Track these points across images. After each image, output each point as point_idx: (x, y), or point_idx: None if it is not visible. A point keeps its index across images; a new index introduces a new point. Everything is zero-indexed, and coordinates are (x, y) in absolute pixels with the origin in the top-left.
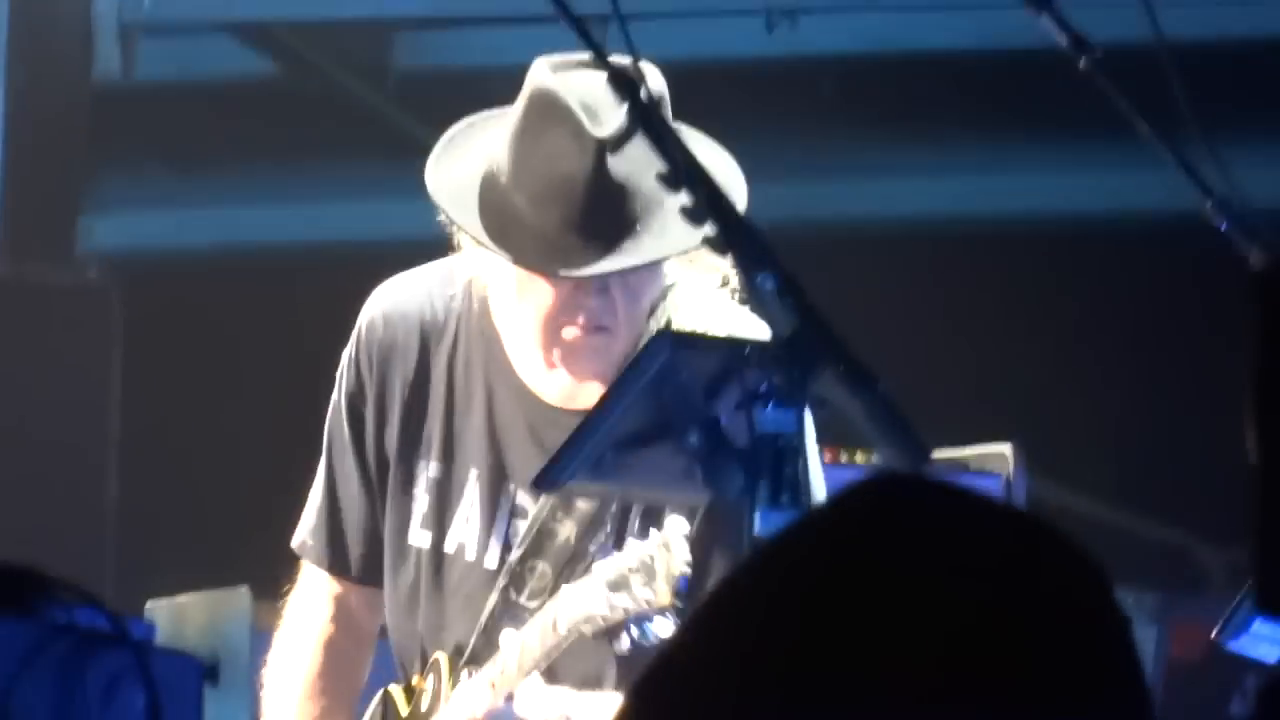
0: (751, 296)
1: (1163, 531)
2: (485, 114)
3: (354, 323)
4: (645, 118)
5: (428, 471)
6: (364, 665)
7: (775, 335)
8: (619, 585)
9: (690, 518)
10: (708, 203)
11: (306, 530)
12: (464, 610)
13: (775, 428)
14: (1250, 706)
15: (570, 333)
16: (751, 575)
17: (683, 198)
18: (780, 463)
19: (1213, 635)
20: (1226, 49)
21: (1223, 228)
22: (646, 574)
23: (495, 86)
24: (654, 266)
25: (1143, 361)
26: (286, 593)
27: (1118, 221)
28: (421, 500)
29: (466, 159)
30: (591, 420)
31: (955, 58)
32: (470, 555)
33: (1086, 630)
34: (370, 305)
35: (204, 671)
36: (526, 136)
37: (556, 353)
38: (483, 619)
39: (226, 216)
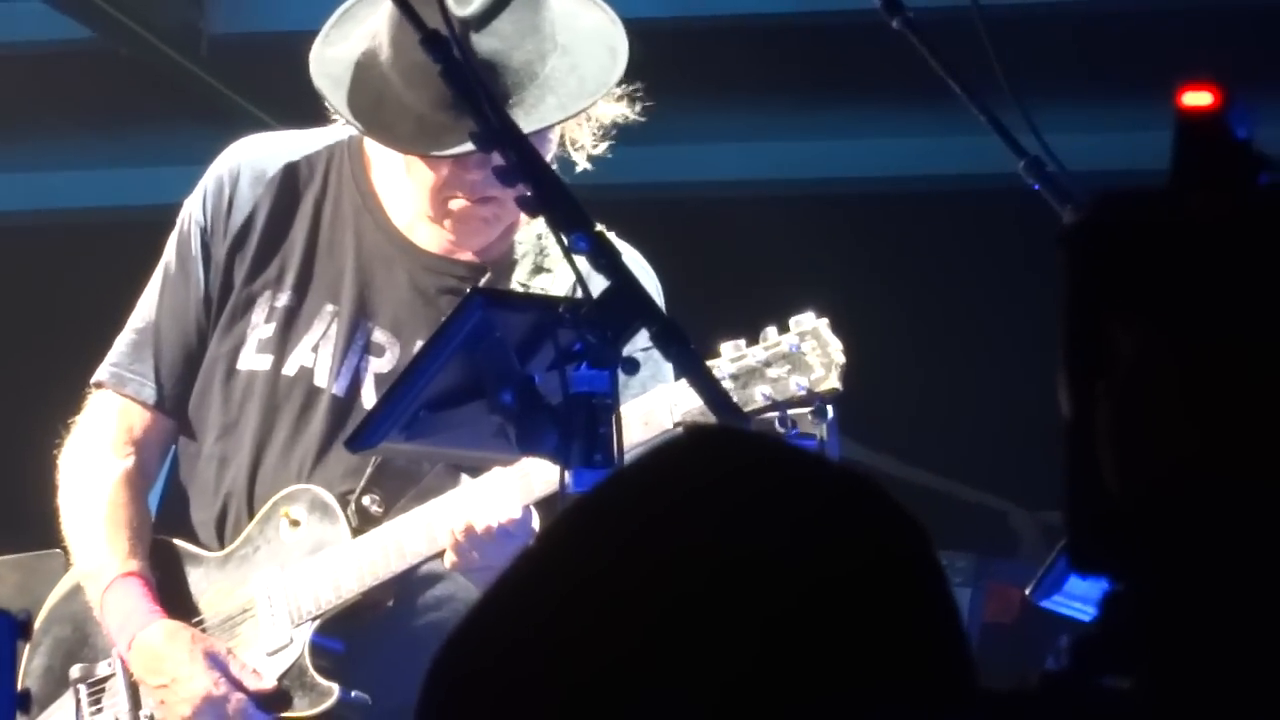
0: (565, 256)
1: (976, 495)
2: None
3: None
4: (456, 80)
5: (274, 301)
6: (150, 500)
7: (588, 295)
8: (752, 378)
9: None
10: (521, 163)
11: (120, 363)
12: (295, 432)
13: (588, 387)
14: (1063, 659)
15: (457, 204)
16: (557, 538)
17: (554, 71)
18: (594, 422)
19: (1025, 593)
20: (1040, 12)
21: (1035, 188)
22: (793, 364)
23: (308, 50)
24: (534, 137)
25: (959, 324)
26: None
27: (932, 183)
28: (262, 328)
29: (350, 39)
30: (404, 380)
31: (770, 21)
32: (319, 380)
33: (906, 586)
34: (231, 153)
35: (18, 628)
36: (399, 18)
37: (447, 222)
38: (318, 443)
39: (40, 181)
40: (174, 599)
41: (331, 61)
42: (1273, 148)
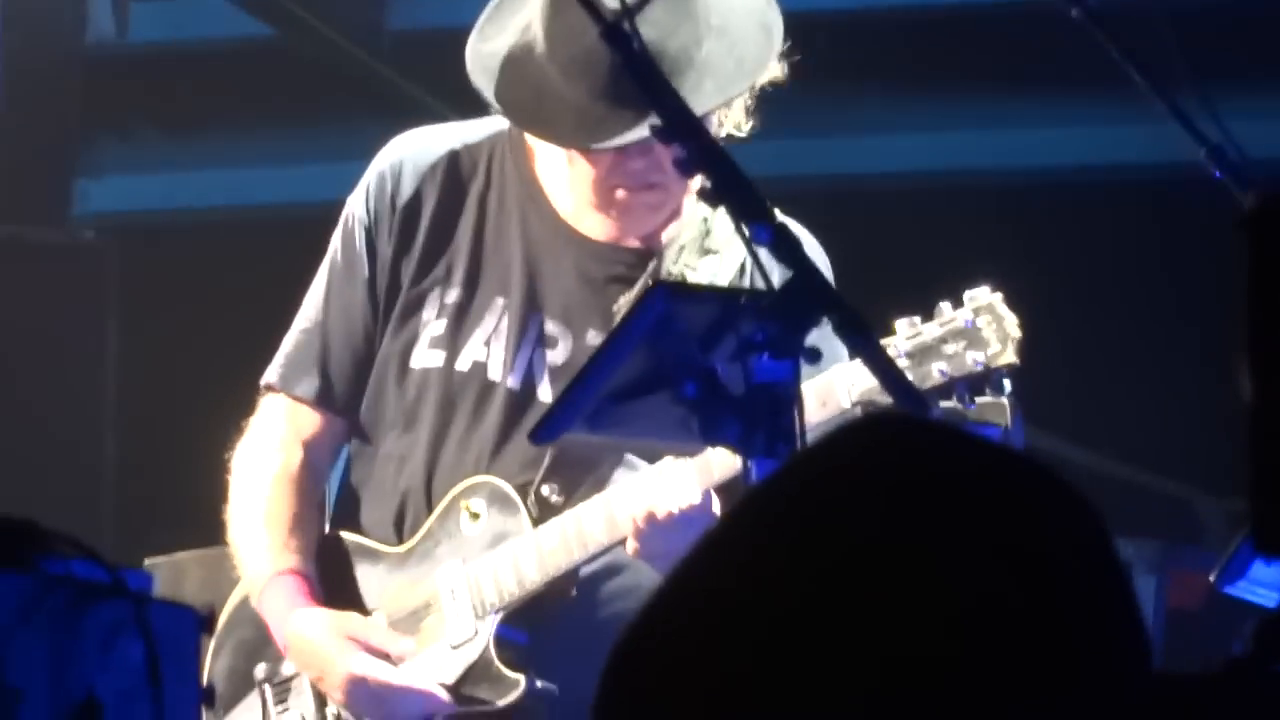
0: (746, 248)
1: (1160, 482)
2: None
3: None
4: (636, 71)
5: (444, 298)
6: (324, 502)
7: (770, 286)
8: (928, 355)
9: None
10: (700, 154)
11: (289, 365)
12: (471, 427)
13: (770, 377)
14: (1248, 643)
15: (621, 194)
16: (734, 528)
17: (712, 56)
18: (776, 412)
19: (1210, 579)
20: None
21: (1217, 176)
22: (969, 339)
23: None
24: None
25: (1139, 313)
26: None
27: (1112, 174)
28: (435, 324)
29: (506, 31)
30: (587, 371)
31: (947, 12)
32: (494, 374)
33: (1089, 579)
34: (392, 148)
35: (201, 623)
36: (554, 8)
37: (612, 211)
38: (495, 437)
39: (221, 178)
40: (348, 595)
41: (488, 56)
42: None
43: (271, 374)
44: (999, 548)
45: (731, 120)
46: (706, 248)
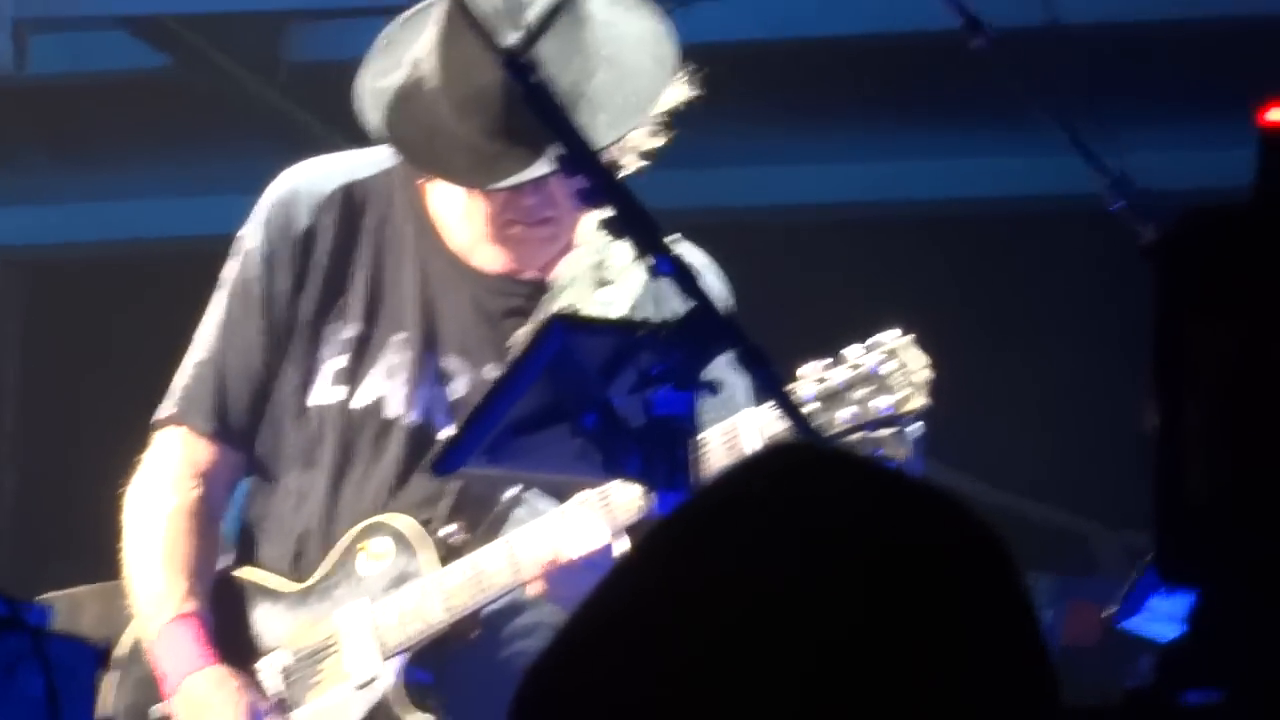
0: (650, 278)
1: (1055, 515)
2: (420, 7)
3: None
4: (538, 104)
5: (342, 334)
6: (219, 539)
7: (669, 318)
8: (835, 401)
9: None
10: (600, 186)
11: (184, 399)
12: (371, 464)
13: (670, 410)
14: (1148, 676)
15: (515, 229)
16: (637, 563)
17: (602, 87)
18: (675, 444)
19: (1106, 615)
20: (1120, 32)
21: (1119, 207)
22: (877, 385)
23: None
24: None
25: (1035, 345)
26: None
27: (1013, 206)
28: (334, 361)
29: (397, 68)
30: (486, 404)
31: (851, 44)
32: (393, 411)
33: (995, 613)
34: (286, 179)
35: (99, 656)
36: (445, 45)
37: (507, 245)
38: (394, 474)
39: (121, 210)
40: (247, 634)
41: (379, 92)
42: None
43: (166, 407)
44: (905, 578)
45: (633, 148)
46: (602, 278)
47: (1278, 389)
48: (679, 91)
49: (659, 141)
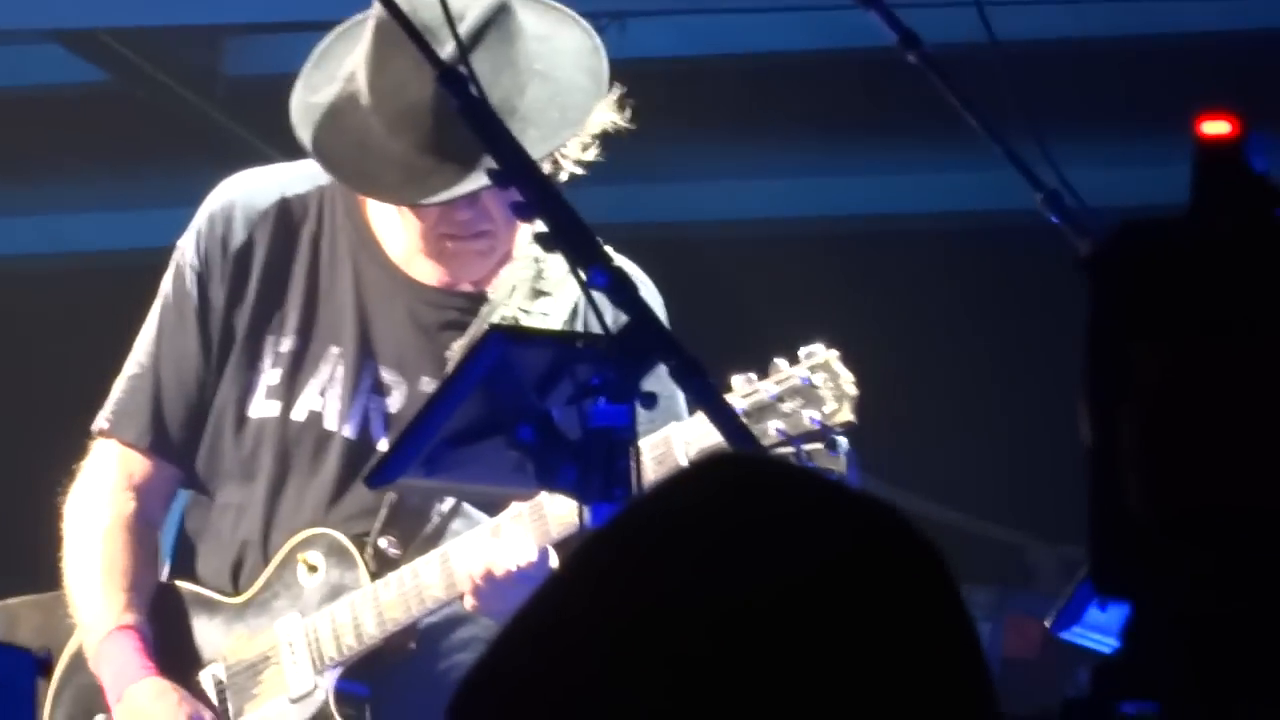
0: (583, 291)
1: (993, 529)
2: (354, 21)
3: None
4: (471, 118)
5: (279, 347)
6: (156, 547)
7: (606, 330)
8: (765, 413)
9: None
10: (535, 199)
11: (120, 411)
12: (308, 477)
13: (606, 422)
14: (1085, 686)
15: (450, 244)
16: (567, 577)
17: (534, 102)
18: (612, 457)
19: (1046, 624)
20: (1057, 48)
21: (1053, 222)
22: (806, 398)
23: None
24: None
25: (972, 360)
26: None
27: (947, 221)
28: (270, 374)
29: (331, 82)
30: (422, 416)
31: (785, 59)
32: (330, 424)
33: (927, 617)
34: (223, 191)
35: (37, 666)
36: (376, 61)
37: (443, 259)
38: (331, 487)
39: (55, 224)
40: (185, 647)
41: (312, 108)
42: None
43: (102, 419)
44: (836, 586)
45: (571, 159)
46: (539, 289)
47: (1205, 405)
48: (610, 107)
49: (589, 156)
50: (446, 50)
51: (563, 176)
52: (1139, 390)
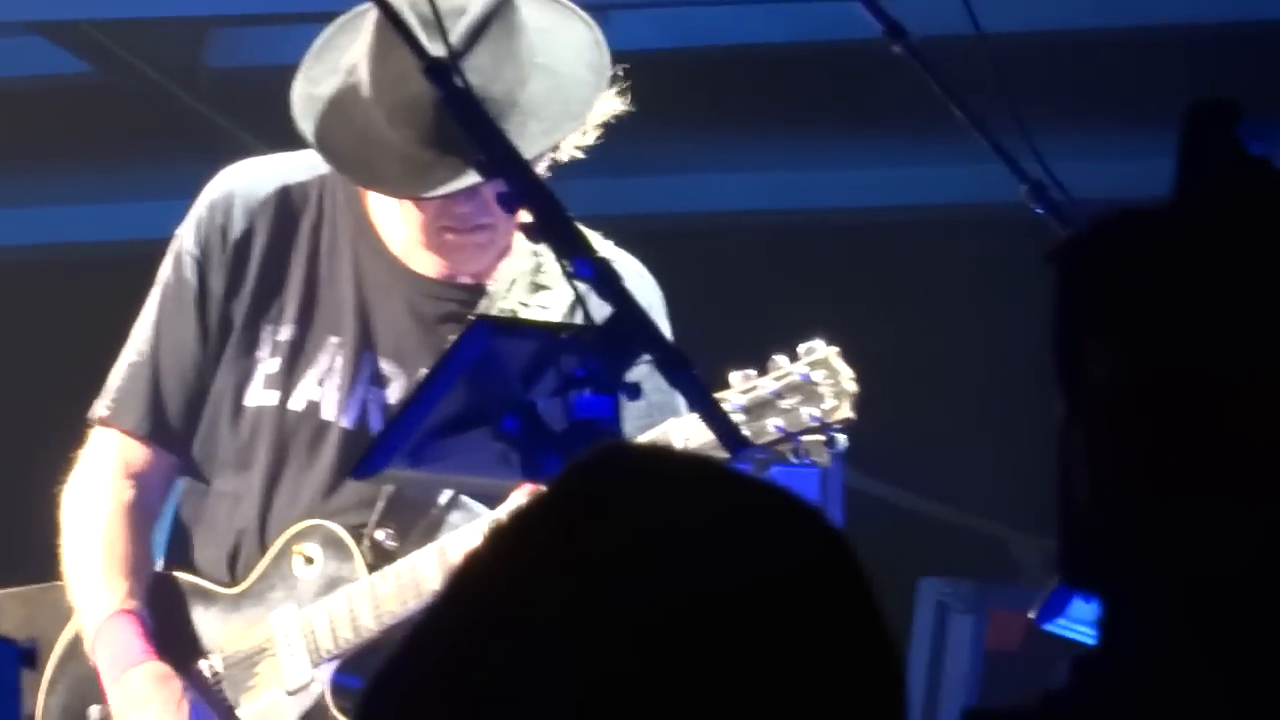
0: (568, 283)
1: (977, 521)
2: (357, 11)
3: None
4: (458, 110)
5: (277, 335)
6: (155, 537)
7: (591, 322)
8: (764, 410)
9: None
10: (523, 190)
11: (119, 398)
12: (305, 467)
13: (591, 413)
14: (1065, 678)
15: (450, 236)
16: (471, 564)
17: (535, 96)
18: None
19: (1029, 616)
20: (1044, 39)
21: (1039, 213)
22: (805, 394)
23: None
24: None
25: (956, 352)
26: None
27: (931, 212)
28: (269, 363)
29: (333, 74)
30: (408, 407)
31: (772, 51)
32: (327, 414)
33: (826, 607)
34: (223, 180)
35: (22, 657)
36: (378, 54)
37: (442, 251)
38: (328, 477)
39: (38, 217)
40: (183, 637)
41: (314, 100)
42: None
43: (101, 407)
44: (729, 577)
45: (567, 151)
46: (538, 283)
47: (1150, 407)
48: (611, 100)
49: (586, 147)
50: (447, 44)
51: (563, 158)
52: (1089, 389)
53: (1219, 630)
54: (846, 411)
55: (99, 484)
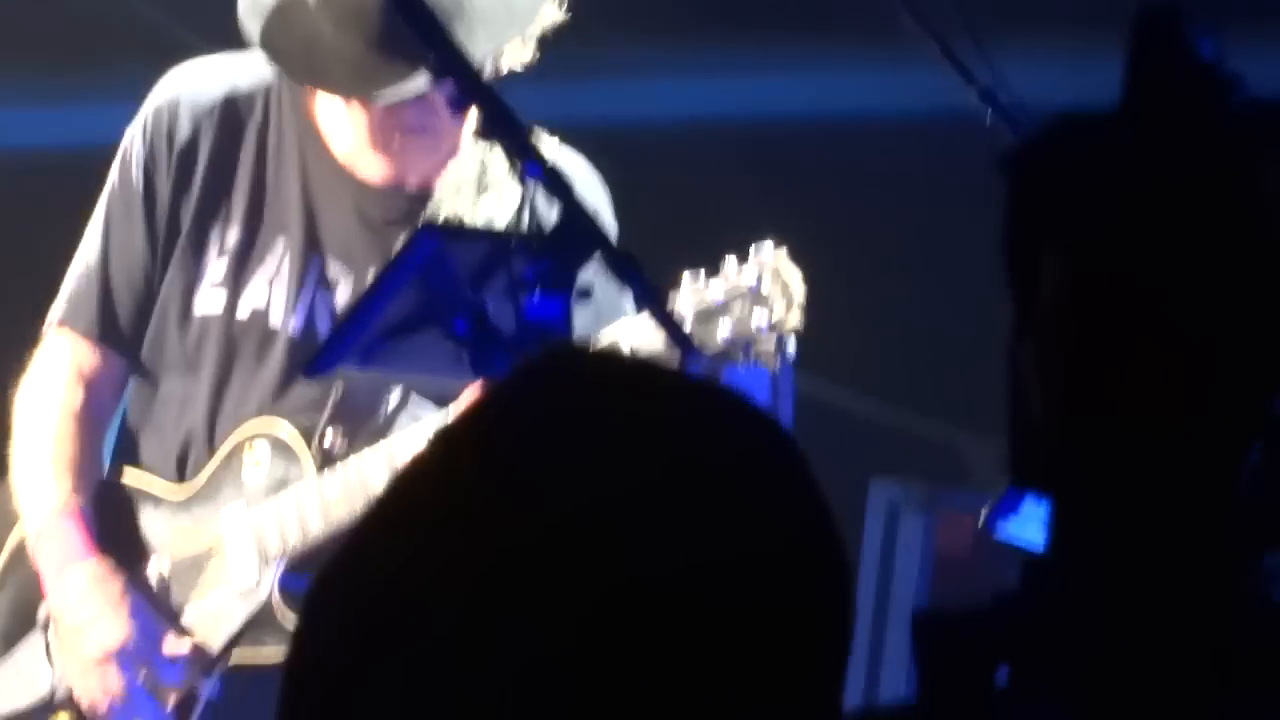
0: (519, 183)
1: (927, 424)
2: None
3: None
4: (408, 12)
5: (225, 237)
6: (105, 443)
7: (539, 223)
8: (713, 315)
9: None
10: (472, 90)
11: (71, 302)
12: (254, 370)
13: (541, 315)
14: (1016, 583)
15: (396, 139)
16: (414, 469)
17: (482, 2)
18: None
19: (980, 521)
20: None
21: (987, 118)
22: (755, 301)
23: None
24: None
25: (905, 256)
26: None
27: (880, 119)
28: (217, 264)
29: None
30: (359, 308)
31: None
32: (275, 318)
33: (785, 503)
34: (168, 84)
35: None
36: None
37: (389, 155)
38: (277, 379)
39: None
40: (130, 538)
41: (259, 4)
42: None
43: (55, 311)
44: (684, 474)
45: (511, 58)
46: (484, 185)
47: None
48: (554, 10)
49: (530, 52)
50: None
51: (503, 70)
52: (1039, 301)
53: (1162, 536)
54: (795, 321)
55: (50, 387)
